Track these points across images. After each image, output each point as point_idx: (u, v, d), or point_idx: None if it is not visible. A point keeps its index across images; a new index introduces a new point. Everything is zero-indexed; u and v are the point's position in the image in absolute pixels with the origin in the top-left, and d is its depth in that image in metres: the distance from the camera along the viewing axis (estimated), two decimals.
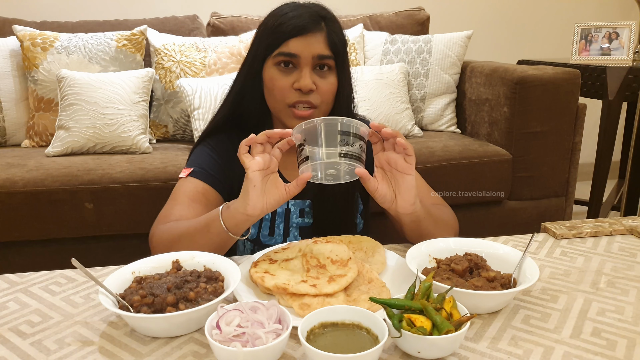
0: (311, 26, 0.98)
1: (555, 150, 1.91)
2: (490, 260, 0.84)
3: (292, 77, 0.99)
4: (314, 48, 0.98)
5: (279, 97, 1.00)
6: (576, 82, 1.87)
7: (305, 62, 0.98)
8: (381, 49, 2.23)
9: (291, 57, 0.98)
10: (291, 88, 0.99)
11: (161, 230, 0.95)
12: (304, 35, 0.98)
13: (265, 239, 1.09)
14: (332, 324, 0.67)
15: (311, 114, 1.00)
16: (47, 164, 1.67)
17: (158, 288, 0.73)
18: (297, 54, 0.98)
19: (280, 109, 1.01)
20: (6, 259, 1.62)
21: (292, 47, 0.98)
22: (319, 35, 0.99)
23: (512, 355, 0.66)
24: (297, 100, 0.99)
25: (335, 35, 1.01)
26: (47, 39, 1.98)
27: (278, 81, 0.99)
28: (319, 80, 0.99)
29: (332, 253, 0.85)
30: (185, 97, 1.90)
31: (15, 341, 0.70)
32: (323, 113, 1.02)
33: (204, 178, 1.03)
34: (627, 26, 2.42)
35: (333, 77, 1.01)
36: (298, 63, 0.99)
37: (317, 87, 0.99)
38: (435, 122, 2.19)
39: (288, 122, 1.01)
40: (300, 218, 1.10)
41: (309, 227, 1.10)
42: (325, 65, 1.00)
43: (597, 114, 2.24)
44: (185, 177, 1.04)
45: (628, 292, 0.82)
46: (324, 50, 0.99)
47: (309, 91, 0.98)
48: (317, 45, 0.98)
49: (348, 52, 1.05)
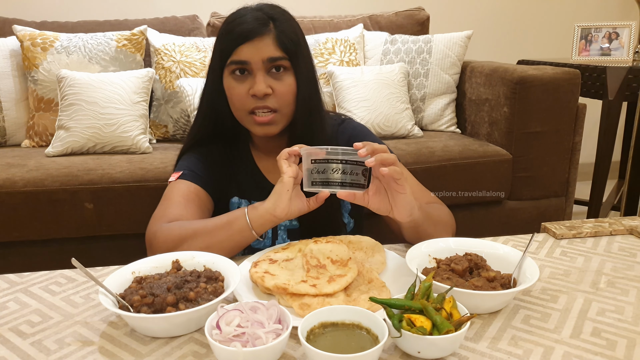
0: (257, 30, 0.97)
1: (555, 150, 1.91)
2: (490, 260, 0.84)
3: (247, 84, 0.98)
4: (262, 52, 0.96)
5: (238, 105, 1.00)
6: (576, 82, 1.87)
7: (256, 67, 0.97)
8: (381, 49, 2.23)
9: (242, 64, 0.97)
10: (247, 95, 0.98)
11: (167, 228, 0.93)
12: (251, 40, 0.96)
13: (255, 242, 1.09)
14: (332, 324, 0.67)
15: (272, 118, 0.99)
16: (47, 164, 1.67)
17: (158, 288, 0.73)
18: (247, 60, 0.97)
19: (242, 116, 1.02)
20: (6, 259, 1.62)
21: (242, 54, 0.97)
22: (266, 38, 0.97)
23: (512, 355, 0.66)
24: (254, 106, 0.98)
25: (285, 35, 0.98)
26: (47, 39, 1.98)
27: (234, 89, 0.99)
28: (275, 83, 0.98)
29: (332, 253, 0.85)
30: (185, 97, 1.90)
31: (15, 341, 0.70)
32: (285, 116, 1.01)
33: (195, 180, 1.03)
34: (627, 26, 2.42)
35: (290, 78, 0.99)
36: (250, 69, 0.98)
37: (274, 91, 0.98)
38: (435, 122, 2.19)
39: (252, 129, 1.02)
40: (287, 220, 1.08)
41: (297, 229, 1.10)
42: (280, 66, 0.98)
43: (597, 114, 2.24)
44: (175, 180, 1.04)
45: (628, 292, 0.82)
46: (273, 52, 0.97)
47: (264, 96, 0.97)
48: (265, 48, 0.97)
49: (304, 49, 1.02)
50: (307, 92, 1.02)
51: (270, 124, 1.00)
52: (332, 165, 0.80)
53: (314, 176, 0.81)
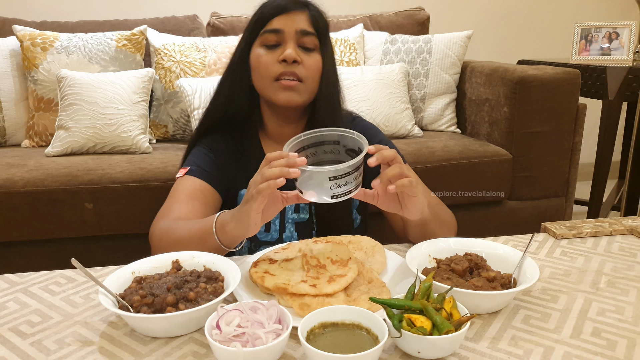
0: (293, 6, 1.03)
1: (555, 150, 1.91)
2: (490, 260, 0.84)
3: (277, 53, 1.02)
4: (296, 23, 1.02)
5: (264, 72, 1.03)
6: (576, 82, 1.87)
7: (289, 36, 1.02)
8: (381, 49, 2.23)
9: (275, 32, 1.02)
10: (276, 62, 1.02)
11: (160, 229, 0.95)
12: (287, 12, 1.02)
13: (262, 235, 1.10)
14: (332, 324, 0.67)
15: (297, 85, 1.01)
16: (47, 164, 1.67)
17: (158, 288, 0.73)
18: (281, 28, 1.01)
19: (266, 84, 1.03)
20: (6, 259, 1.62)
21: (276, 24, 1.02)
22: (301, 13, 1.03)
23: (512, 355, 0.66)
24: (282, 71, 1.01)
25: (319, 16, 1.05)
26: (47, 39, 1.98)
27: (263, 57, 1.03)
28: (304, 55, 1.02)
29: (332, 253, 0.85)
30: (185, 97, 1.90)
31: (15, 341, 0.70)
32: (308, 90, 1.04)
33: (201, 176, 1.04)
34: (627, 26, 2.42)
35: (317, 56, 1.04)
36: (282, 39, 1.02)
37: (302, 61, 1.02)
38: (435, 122, 2.19)
39: (275, 96, 1.03)
40: (295, 214, 1.11)
41: (305, 222, 1.11)
42: (309, 45, 1.03)
43: (597, 114, 2.24)
44: (182, 176, 1.05)
45: (628, 292, 0.81)
46: (307, 27, 1.03)
47: (294, 62, 1.01)
48: (299, 21, 1.02)
49: (330, 41, 1.08)
50: (331, 77, 1.06)
51: (295, 91, 1.02)
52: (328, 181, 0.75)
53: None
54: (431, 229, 0.93)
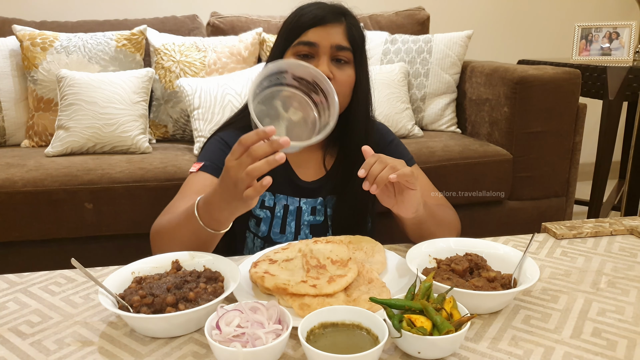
0: (330, 17, 1.00)
1: (555, 150, 1.91)
2: (491, 260, 0.84)
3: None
4: (332, 38, 0.99)
5: None
6: (576, 82, 1.87)
7: (323, 50, 0.99)
8: (381, 49, 2.23)
9: (310, 45, 0.99)
10: None
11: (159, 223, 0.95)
12: (323, 25, 0.99)
13: (277, 236, 1.09)
14: (332, 324, 0.67)
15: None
16: (47, 164, 1.67)
17: (158, 288, 0.73)
18: (316, 42, 0.99)
19: None
20: (6, 259, 1.62)
21: (311, 36, 0.99)
22: (338, 26, 1.00)
23: (513, 355, 0.66)
24: None
25: (355, 29, 1.02)
26: (47, 38, 1.98)
27: None
28: (336, 71, 1.00)
29: (332, 253, 0.85)
30: (185, 97, 1.90)
31: (15, 341, 0.70)
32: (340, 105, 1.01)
33: (214, 172, 1.03)
34: (627, 26, 2.42)
35: (351, 70, 1.02)
36: (316, 52, 0.99)
37: (334, 77, 0.99)
38: (436, 122, 2.19)
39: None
40: (312, 216, 1.10)
41: (320, 224, 1.10)
42: (343, 58, 1.01)
43: (597, 114, 2.24)
44: (195, 171, 1.04)
45: (628, 292, 0.81)
46: (342, 41, 1.00)
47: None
48: (335, 35, 1.00)
49: (365, 52, 1.05)
50: (365, 89, 1.05)
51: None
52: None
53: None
54: (427, 228, 0.93)
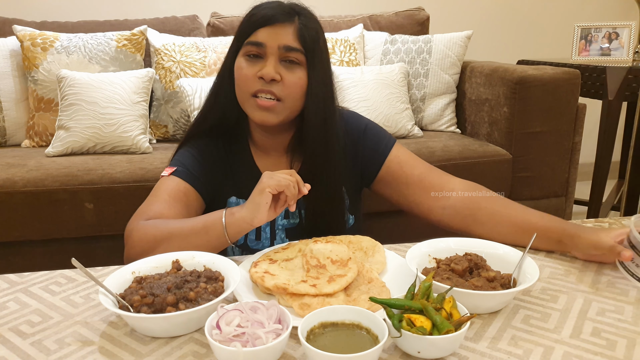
0: (281, 17, 0.97)
1: (555, 150, 1.91)
2: (490, 260, 0.84)
3: (257, 67, 0.97)
4: (280, 38, 0.96)
5: (242, 86, 0.99)
6: (576, 82, 1.87)
7: (271, 51, 0.96)
8: (381, 49, 2.23)
9: (257, 45, 0.97)
10: (254, 76, 0.96)
11: (143, 226, 0.92)
12: (272, 25, 0.96)
13: (253, 243, 1.08)
14: (332, 324, 0.67)
15: (273, 105, 0.97)
16: (47, 164, 1.67)
17: (158, 288, 0.73)
18: (263, 42, 0.96)
19: (244, 99, 1.00)
20: (6, 259, 1.62)
21: (259, 36, 0.96)
22: (288, 26, 0.97)
23: (512, 355, 0.66)
24: (259, 88, 0.97)
25: (307, 30, 0.98)
26: (47, 39, 1.98)
27: (243, 70, 0.98)
28: (285, 72, 0.97)
29: (332, 253, 0.85)
30: (185, 97, 1.90)
31: (15, 341, 0.70)
32: (288, 109, 0.99)
33: (187, 178, 1.01)
34: (627, 26, 2.42)
35: (302, 72, 0.98)
36: (264, 53, 0.97)
37: (282, 79, 0.97)
38: (435, 122, 2.19)
39: (251, 113, 1.00)
40: (285, 219, 1.08)
41: (295, 227, 1.09)
42: (294, 59, 0.98)
43: (597, 114, 2.24)
44: (167, 175, 1.02)
45: (628, 292, 0.82)
46: (291, 42, 0.97)
47: (272, 80, 0.96)
48: (284, 36, 0.96)
49: (322, 51, 1.01)
50: (321, 92, 1.01)
51: (270, 111, 0.98)
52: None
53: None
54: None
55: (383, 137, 1.13)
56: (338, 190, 1.07)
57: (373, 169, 1.10)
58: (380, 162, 1.09)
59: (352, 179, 1.12)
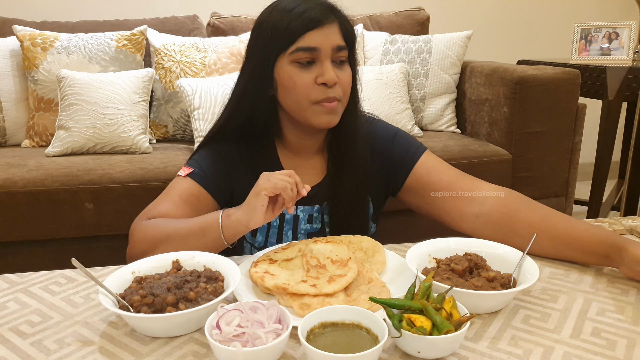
0: (325, 18, 0.94)
1: (555, 150, 1.91)
2: (490, 260, 0.84)
3: (314, 72, 0.94)
4: (332, 39, 0.94)
5: (301, 96, 0.94)
6: (576, 82, 1.87)
7: (325, 54, 0.93)
8: (381, 49, 2.23)
9: (311, 51, 0.93)
10: (314, 84, 0.93)
11: (145, 226, 0.91)
12: (321, 27, 0.93)
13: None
14: (332, 324, 0.67)
15: (336, 106, 0.96)
16: (47, 164, 1.67)
17: (158, 288, 0.73)
18: (317, 46, 0.92)
19: (304, 106, 0.95)
20: (6, 259, 1.62)
21: (311, 41, 0.92)
22: (334, 25, 0.96)
23: (512, 355, 0.66)
24: (324, 97, 0.94)
25: (347, 24, 0.99)
26: (47, 39, 1.98)
27: (299, 78, 0.94)
28: (339, 72, 0.95)
29: (332, 253, 0.85)
30: (186, 97, 1.90)
31: (15, 341, 0.70)
32: (344, 106, 0.99)
33: (202, 181, 1.00)
34: (627, 26, 2.42)
35: (349, 68, 0.98)
36: (317, 57, 0.94)
37: (339, 79, 0.95)
38: (435, 122, 2.19)
39: (314, 119, 0.96)
40: (308, 224, 1.07)
41: (317, 232, 1.07)
42: (342, 57, 0.97)
43: (597, 114, 2.24)
44: (183, 176, 1.00)
45: (628, 292, 0.82)
46: (340, 41, 0.96)
47: (334, 84, 0.94)
48: (334, 36, 0.94)
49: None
50: (356, 86, 1.01)
51: (335, 113, 0.96)
52: None
53: None
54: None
55: (412, 144, 1.11)
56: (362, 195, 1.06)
57: (400, 176, 1.07)
58: (408, 170, 1.06)
59: (379, 186, 1.10)
